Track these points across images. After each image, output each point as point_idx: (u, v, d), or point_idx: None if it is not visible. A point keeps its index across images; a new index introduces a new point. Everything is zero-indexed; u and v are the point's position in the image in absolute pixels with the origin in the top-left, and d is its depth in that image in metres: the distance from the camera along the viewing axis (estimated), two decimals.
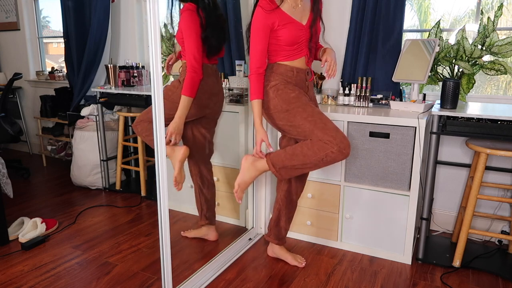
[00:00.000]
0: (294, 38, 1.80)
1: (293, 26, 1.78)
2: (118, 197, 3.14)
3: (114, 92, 3.07)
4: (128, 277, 2.04)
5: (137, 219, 2.73)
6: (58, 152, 3.96)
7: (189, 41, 1.92)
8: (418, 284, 1.98)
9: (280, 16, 1.76)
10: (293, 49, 1.83)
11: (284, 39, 1.79)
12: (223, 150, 2.60)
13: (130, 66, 3.24)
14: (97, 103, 3.17)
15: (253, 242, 2.41)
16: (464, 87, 2.29)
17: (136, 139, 3.39)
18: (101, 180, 3.29)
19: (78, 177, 3.30)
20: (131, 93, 2.97)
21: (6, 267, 2.13)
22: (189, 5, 1.93)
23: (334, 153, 1.75)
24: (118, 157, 3.23)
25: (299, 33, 1.80)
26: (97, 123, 3.22)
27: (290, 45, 1.81)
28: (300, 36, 1.81)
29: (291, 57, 1.84)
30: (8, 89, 3.52)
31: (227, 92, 2.59)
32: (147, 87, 3.20)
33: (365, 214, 2.24)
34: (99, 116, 3.21)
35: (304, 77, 1.90)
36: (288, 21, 1.78)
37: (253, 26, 1.77)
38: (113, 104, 3.18)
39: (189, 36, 1.92)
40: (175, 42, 2.30)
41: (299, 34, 1.80)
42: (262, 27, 1.75)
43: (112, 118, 3.36)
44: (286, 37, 1.78)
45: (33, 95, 4.38)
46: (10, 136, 3.28)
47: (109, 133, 3.31)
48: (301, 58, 1.86)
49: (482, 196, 2.09)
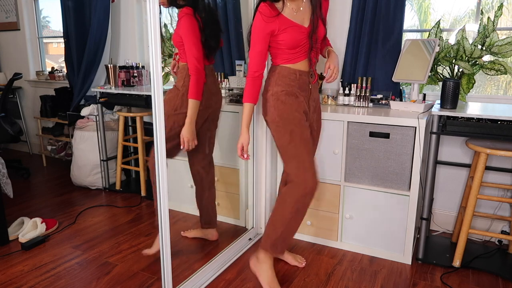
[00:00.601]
0: (296, 42, 1.78)
1: (294, 30, 1.76)
2: (118, 197, 3.14)
3: (114, 92, 3.07)
4: (128, 277, 2.04)
5: (137, 219, 2.74)
6: (58, 152, 3.96)
7: (190, 45, 1.93)
8: (418, 284, 1.98)
9: (280, 21, 1.74)
10: (295, 52, 1.81)
11: (285, 43, 1.77)
12: (223, 150, 2.60)
13: (130, 66, 3.24)
14: (97, 103, 3.17)
15: (253, 242, 2.41)
16: (464, 87, 2.29)
17: (136, 139, 3.39)
18: (101, 180, 3.29)
19: (78, 177, 3.30)
20: (131, 93, 2.97)
21: (6, 267, 2.13)
22: (186, 9, 1.93)
23: (302, 196, 1.77)
24: (118, 157, 3.24)
25: (300, 36, 1.78)
26: (97, 123, 3.22)
27: (291, 48, 1.79)
28: (301, 39, 1.79)
29: (294, 60, 1.82)
30: (8, 89, 3.52)
31: (227, 92, 2.59)
32: (147, 87, 3.20)
33: (365, 214, 2.24)
34: (99, 116, 3.21)
35: (308, 79, 1.87)
36: (288, 25, 1.76)
37: (253, 31, 1.77)
38: (113, 104, 3.18)
39: (190, 41, 1.92)
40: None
41: (300, 37, 1.78)
42: (262, 33, 1.76)
43: (112, 118, 3.36)
44: (287, 41, 1.77)
45: (33, 95, 4.38)
46: (10, 136, 3.28)
47: (109, 133, 3.31)
48: (304, 60, 1.84)
49: (482, 196, 2.09)
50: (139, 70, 3.25)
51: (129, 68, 3.23)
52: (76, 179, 3.33)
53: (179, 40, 1.97)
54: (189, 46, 1.93)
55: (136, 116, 3.08)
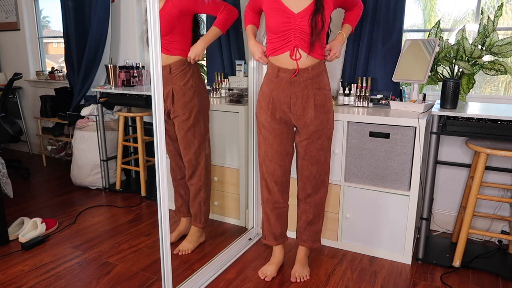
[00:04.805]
0: (278, 25, 1.71)
1: (278, 12, 1.70)
2: (118, 197, 3.14)
3: (114, 92, 3.07)
4: (128, 277, 2.04)
5: (137, 219, 2.74)
6: (58, 152, 3.96)
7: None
8: (418, 284, 1.98)
9: (269, 0, 1.75)
10: (277, 38, 1.74)
11: (268, 25, 1.76)
12: (223, 150, 2.60)
13: (130, 66, 3.24)
14: (97, 103, 3.17)
15: (253, 242, 2.41)
16: (464, 87, 2.29)
17: (136, 139, 3.39)
18: (101, 180, 3.29)
19: (78, 177, 3.30)
20: (131, 93, 2.97)
21: (6, 267, 2.13)
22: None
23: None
24: (118, 157, 3.24)
25: (282, 20, 1.70)
26: (97, 123, 3.22)
27: (274, 33, 1.75)
28: (285, 24, 1.70)
29: (277, 50, 1.76)
30: (8, 89, 3.52)
31: (227, 92, 2.59)
32: (147, 87, 3.19)
33: (365, 214, 2.24)
34: (99, 116, 3.21)
35: (289, 77, 1.78)
36: (276, 5, 1.72)
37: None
38: (113, 104, 3.18)
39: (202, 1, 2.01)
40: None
41: (284, 21, 1.70)
42: (253, 2, 1.88)
43: (112, 118, 3.36)
44: (270, 23, 1.74)
45: (33, 95, 4.38)
46: (10, 136, 3.28)
47: (109, 133, 3.31)
48: (287, 52, 1.75)
49: (482, 196, 2.09)
50: (139, 70, 3.25)
51: (129, 68, 3.23)
52: (76, 179, 3.33)
53: (182, 9, 1.98)
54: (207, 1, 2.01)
55: (136, 116, 3.08)
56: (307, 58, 1.76)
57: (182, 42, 2.06)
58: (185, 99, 2.09)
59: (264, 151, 1.93)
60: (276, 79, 1.82)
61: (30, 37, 4.25)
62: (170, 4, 1.96)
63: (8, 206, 2.93)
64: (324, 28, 1.74)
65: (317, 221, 2.03)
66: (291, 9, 1.71)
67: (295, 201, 2.28)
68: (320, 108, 1.83)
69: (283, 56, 1.77)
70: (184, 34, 2.06)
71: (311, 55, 1.76)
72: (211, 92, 2.87)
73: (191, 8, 1.99)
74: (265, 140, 1.91)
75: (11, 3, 4.20)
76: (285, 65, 1.78)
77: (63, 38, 3.60)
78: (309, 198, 1.97)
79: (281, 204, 2.01)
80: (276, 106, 1.85)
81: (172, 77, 2.07)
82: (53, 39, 4.36)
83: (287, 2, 1.72)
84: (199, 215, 2.28)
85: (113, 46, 3.58)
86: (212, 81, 2.92)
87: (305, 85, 1.80)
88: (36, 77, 4.29)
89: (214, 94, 2.85)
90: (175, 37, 2.03)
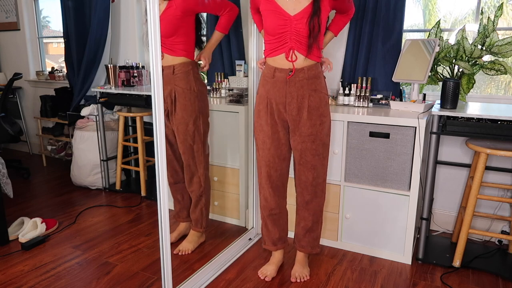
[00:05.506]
0: (275, 27, 1.72)
1: (274, 14, 1.71)
2: (118, 197, 3.14)
3: (114, 92, 3.07)
4: (128, 277, 2.04)
5: (137, 219, 2.74)
6: (58, 152, 3.96)
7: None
8: (418, 284, 1.98)
9: (266, 1, 1.76)
10: (274, 40, 1.76)
11: (265, 26, 1.77)
12: (223, 150, 2.60)
13: (130, 66, 3.24)
14: (97, 103, 3.17)
15: (253, 242, 2.41)
16: (464, 87, 2.29)
17: (136, 139, 3.39)
18: (101, 180, 3.29)
19: (78, 177, 3.30)
20: (131, 93, 2.97)
21: (6, 267, 2.13)
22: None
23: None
24: (118, 157, 3.24)
25: (279, 22, 1.71)
26: (97, 123, 3.22)
27: (271, 34, 1.77)
28: (281, 26, 1.72)
29: (274, 51, 1.78)
30: (8, 89, 3.52)
31: (227, 92, 2.59)
32: (147, 87, 3.20)
33: (365, 214, 2.24)
34: (99, 116, 3.21)
35: (284, 77, 1.79)
36: (272, 7, 1.72)
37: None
38: (113, 104, 3.18)
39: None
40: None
41: (280, 23, 1.71)
42: (252, 2, 1.89)
43: (112, 118, 3.36)
44: (266, 25, 1.75)
45: (33, 95, 4.38)
46: (10, 136, 3.28)
47: (109, 133, 3.31)
48: (283, 54, 1.76)
49: (482, 196, 2.09)
50: (139, 70, 3.25)
51: (129, 68, 3.23)
52: (76, 179, 3.33)
53: (184, 10, 1.98)
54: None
55: (136, 116, 3.08)
56: (304, 60, 1.78)
57: (186, 42, 2.06)
58: (186, 102, 2.09)
59: (262, 155, 1.93)
60: (272, 80, 1.83)
61: (30, 37, 4.25)
62: (174, 5, 1.96)
63: (8, 206, 2.93)
64: (321, 30, 1.75)
65: (316, 228, 2.03)
66: (287, 11, 1.71)
67: (295, 201, 2.27)
68: (314, 110, 1.82)
69: (280, 57, 1.79)
70: (188, 35, 2.06)
71: (308, 57, 1.77)
72: (211, 92, 2.87)
73: (194, 8, 1.99)
74: (263, 144, 1.91)
75: (11, 3, 4.20)
76: (281, 66, 1.80)
77: (63, 38, 3.60)
78: (308, 205, 1.97)
79: (276, 210, 2.01)
80: (273, 107, 1.85)
81: (174, 77, 2.07)
82: (53, 39, 4.36)
83: (283, 4, 1.72)
84: (201, 220, 2.29)
85: (113, 46, 3.58)
86: (212, 81, 2.92)
87: (300, 85, 1.79)
88: (36, 77, 4.29)
89: (214, 94, 2.86)
90: (180, 38, 2.03)
